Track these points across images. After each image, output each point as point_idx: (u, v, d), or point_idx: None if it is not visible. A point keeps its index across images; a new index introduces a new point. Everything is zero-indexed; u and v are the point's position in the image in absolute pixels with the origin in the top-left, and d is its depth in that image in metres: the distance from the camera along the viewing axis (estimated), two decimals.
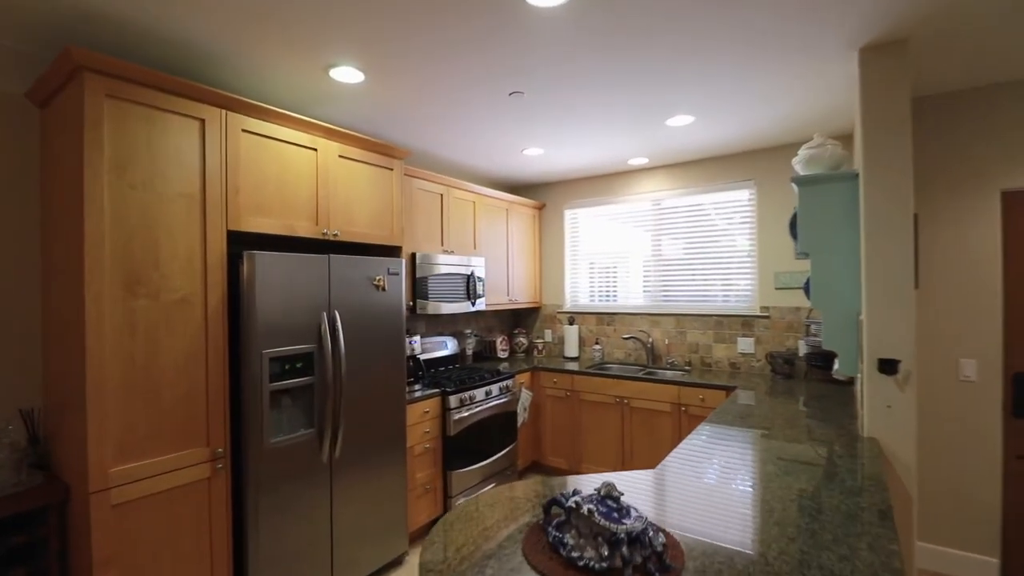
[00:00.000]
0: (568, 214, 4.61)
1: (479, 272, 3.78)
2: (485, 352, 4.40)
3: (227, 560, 2.06)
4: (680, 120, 3.00)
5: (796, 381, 3.28)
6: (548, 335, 4.68)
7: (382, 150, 2.76)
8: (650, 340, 4.06)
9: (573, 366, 4.00)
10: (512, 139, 3.32)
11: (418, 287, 3.28)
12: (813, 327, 3.34)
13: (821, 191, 2.40)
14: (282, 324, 2.19)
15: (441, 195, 3.55)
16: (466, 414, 3.23)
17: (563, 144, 3.46)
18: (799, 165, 2.52)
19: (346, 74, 2.29)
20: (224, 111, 2.08)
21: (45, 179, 2.03)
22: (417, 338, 3.19)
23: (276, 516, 2.16)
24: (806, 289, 2.68)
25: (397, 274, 2.74)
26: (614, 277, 4.37)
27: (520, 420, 3.81)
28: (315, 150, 2.43)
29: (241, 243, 2.44)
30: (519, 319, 4.89)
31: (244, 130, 2.15)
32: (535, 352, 4.60)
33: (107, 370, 1.75)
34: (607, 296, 4.41)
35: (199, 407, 1.99)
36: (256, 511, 2.10)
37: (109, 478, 1.75)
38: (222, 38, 1.98)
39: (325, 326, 2.34)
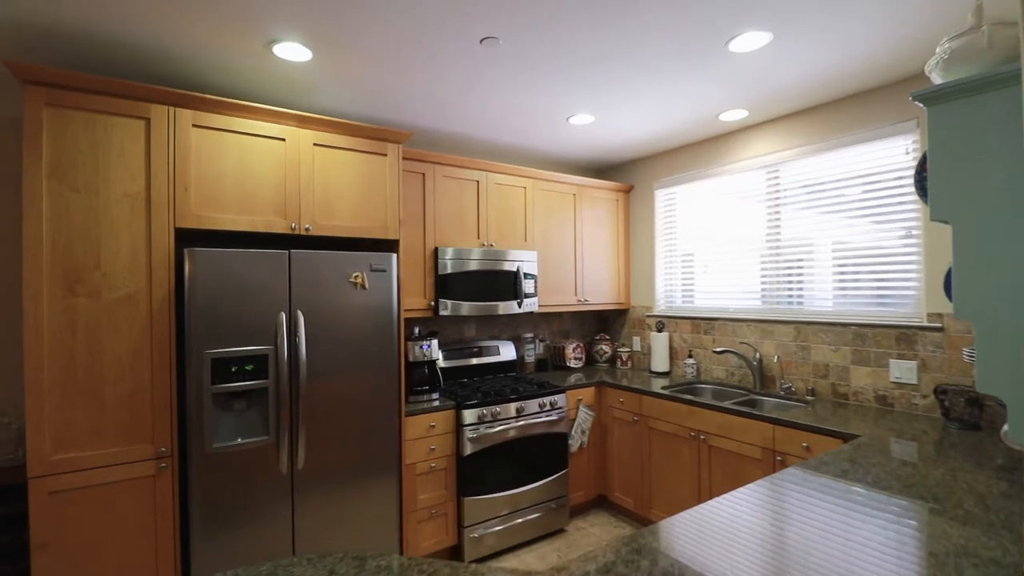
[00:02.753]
0: (660, 195, 3.76)
1: (529, 268, 3.28)
2: (555, 360, 3.84)
3: (173, 561, 2.04)
4: (750, 41, 2.08)
5: (986, 435, 2.02)
6: (636, 343, 3.89)
7: (370, 134, 2.51)
8: (756, 356, 3.01)
9: (662, 383, 3.21)
10: (543, 105, 2.76)
11: (441, 286, 2.95)
12: None
13: (969, 109, 1.38)
14: (230, 324, 2.09)
15: (478, 182, 3.16)
16: (487, 432, 2.79)
17: (610, 103, 2.75)
18: (936, 71, 1.49)
19: (292, 51, 2.09)
20: (171, 108, 2.06)
21: None
22: (434, 342, 2.87)
23: (223, 523, 2.07)
24: (947, 284, 1.57)
25: (383, 270, 2.46)
26: (717, 272, 3.39)
27: (576, 444, 3.19)
28: (283, 140, 2.30)
29: (203, 240, 2.42)
30: (605, 323, 4.18)
31: (195, 125, 2.11)
32: (618, 363, 3.86)
33: (45, 366, 1.83)
34: (707, 296, 3.44)
35: (144, 405, 2.00)
36: (201, 515, 2.03)
37: (47, 466, 1.84)
38: (163, 32, 1.95)
39: (283, 327, 2.19)
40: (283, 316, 2.20)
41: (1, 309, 2.17)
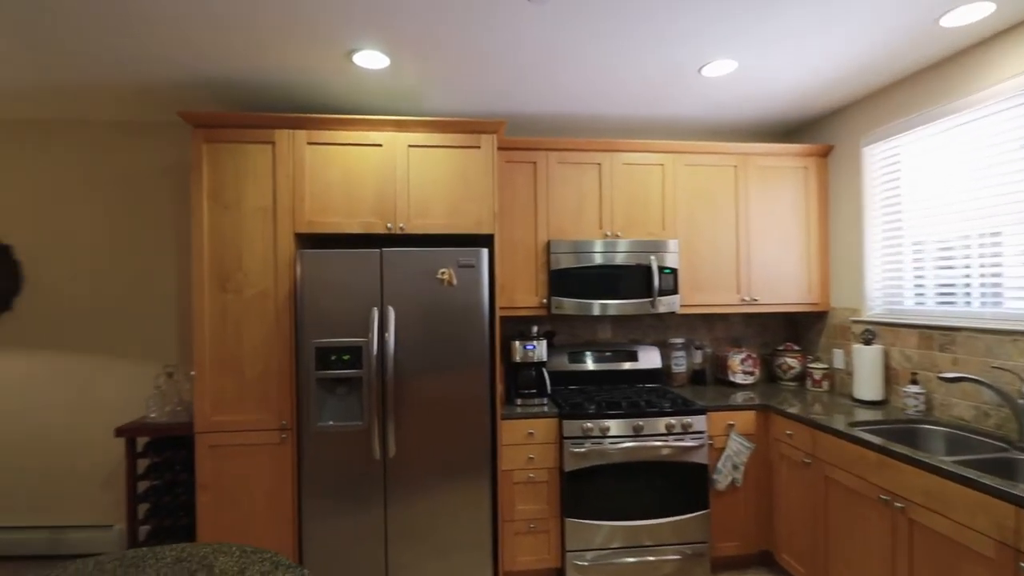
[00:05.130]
0: (871, 154, 2.69)
1: (667, 261, 2.75)
2: (717, 372, 3.13)
3: (292, 516, 2.35)
4: None
5: None
6: (838, 358, 2.87)
7: (460, 128, 2.45)
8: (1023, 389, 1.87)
9: (866, 416, 2.33)
10: (653, 57, 2.27)
11: (556, 282, 2.71)
12: None
13: None
14: (331, 317, 2.31)
15: (599, 164, 2.80)
16: (594, 448, 2.43)
17: (756, 35, 2.08)
18: None
19: (372, 59, 2.18)
20: (291, 131, 2.38)
21: None
22: (541, 343, 2.63)
23: (326, 495, 2.30)
24: None
25: (471, 266, 2.38)
26: (962, 259, 2.25)
27: (725, 481, 2.53)
28: (380, 146, 2.43)
29: (319, 242, 2.69)
30: (795, 329, 3.22)
31: (309, 143, 2.40)
32: (809, 383, 2.92)
33: (207, 347, 2.34)
34: (947, 296, 2.31)
35: (272, 383, 2.37)
36: (309, 482, 2.30)
37: (208, 425, 2.33)
38: (263, 62, 2.28)
39: (374, 321, 2.31)
40: (375, 311, 2.32)
41: (183, 303, 2.89)
